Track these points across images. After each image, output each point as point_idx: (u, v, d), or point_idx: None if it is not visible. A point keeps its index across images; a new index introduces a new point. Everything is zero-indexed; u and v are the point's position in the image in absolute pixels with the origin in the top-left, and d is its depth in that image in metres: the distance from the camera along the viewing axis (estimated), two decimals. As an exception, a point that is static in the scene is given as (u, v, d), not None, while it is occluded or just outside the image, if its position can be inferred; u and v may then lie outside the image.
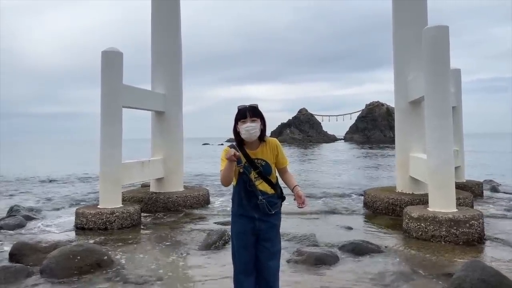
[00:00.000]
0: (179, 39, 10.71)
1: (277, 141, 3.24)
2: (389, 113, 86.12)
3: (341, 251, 5.88)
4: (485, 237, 6.55)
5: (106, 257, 5.37)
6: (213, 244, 6.23)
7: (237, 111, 3.13)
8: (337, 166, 24.99)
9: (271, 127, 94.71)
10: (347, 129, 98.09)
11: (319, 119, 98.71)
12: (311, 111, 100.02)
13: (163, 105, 10.23)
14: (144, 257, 5.81)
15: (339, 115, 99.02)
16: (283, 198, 3.23)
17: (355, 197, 11.48)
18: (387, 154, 36.43)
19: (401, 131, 9.49)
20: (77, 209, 8.08)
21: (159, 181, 10.22)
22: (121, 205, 8.08)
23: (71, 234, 7.40)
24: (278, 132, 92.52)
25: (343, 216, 8.91)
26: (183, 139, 10.85)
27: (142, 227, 7.85)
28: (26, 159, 41.06)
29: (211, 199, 10.80)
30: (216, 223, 8.05)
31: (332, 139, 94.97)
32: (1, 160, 35.46)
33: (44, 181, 17.73)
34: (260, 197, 3.06)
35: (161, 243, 6.62)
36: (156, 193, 9.96)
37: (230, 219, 3.31)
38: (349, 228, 7.60)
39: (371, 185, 13.42)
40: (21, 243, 5.93)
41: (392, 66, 9.74)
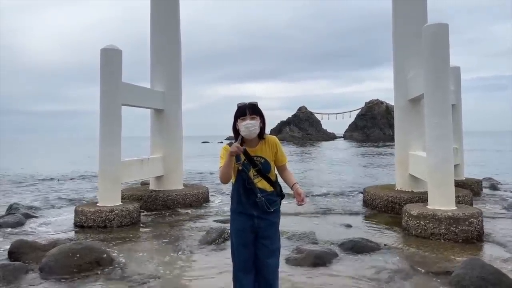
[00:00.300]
0: (178, 37, 10.69)
1: (276, 139, 3.24)
2: (388, 111, 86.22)
3: (341, 249, 5.88)
4: (484, 235, 6.57)
5: (105, 255, 5.37)
6: (212, 241, 6.23)
7: (237, 108, 3.12)
8: (336, 164, 25.00)
9: (271, 125, 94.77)
10: (347, 127, 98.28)
11: (319, 117, 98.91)
12: (311, 109, 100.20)
13: (163, 103, 10.21)
14: (143, 255, 5.81)
15: (338, 113, 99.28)
16: (282, 196, 3.23)
17: (355, 195, 11.48)
18: (387, 152, 36.44)
19: (400, 129, 9.48)
20: (76, 207, 8.08)
21: (159, 179, 10.22)
22: (121, 203, 8.08)
23: (70, 232, 7.39)
24: (277, 130, 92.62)
25: (342, 214, 8.91)
26: (183, 137, 10.85)
27: (141, 225, 7.84)
28: (25, 157, 41.04)
29: (210, 197, 10.81)
30: (215, 221, 8.05)
31: (331, 137, 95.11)
32: (1, 157, 35.44)
33: (43, 179, 17.72)
34: (258, 194, 3.05)
35: (161, 241, 6.62)
36: (155, 191, 9.96)
37: (229, 217, 3.31)
38: (349, 226, 7.60)
39: (370, 183, 13.41)
40: (20, 241, 5.92)
41: (392, 64, 9.74)
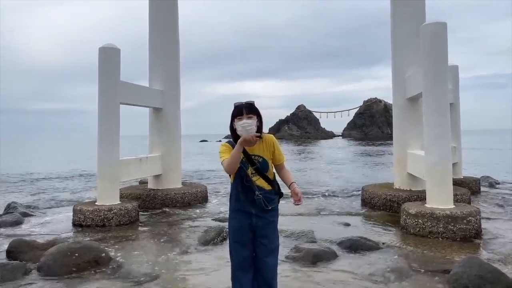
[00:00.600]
0: (177, 35, 10.67)
1: (274, 138, 3.24)
2: (386, 110, 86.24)
3: (339, 248, 5.89)
4: (482, 233, 6.58)
5: (104, 254, 5.37)
6: (211, 240, 6.24)
7: (234, 108, 3.12)
8: (334, 162, 25.01)
9: (269, 124, 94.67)
10: (345, 126, 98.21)
11: (317, 115, 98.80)
12: (309, 107, 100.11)
13: (161, 101, 10.20)
14: (142, 254, 5.81)
15: (337, 112, 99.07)
16: (280, 194, 3.23)
17: (353, 194, 11.49)
18: (385, 150, 36.47)
19: (399, 127, 9.49)
20: (74, 206, 8.07)
21: (157, 177, 10.21)
22: (119, 202, 8.07)
23: (68, 231, 7.38)
24: (276, 128, 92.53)
25: (341, 212, 8.91)
26: (181, 136, 10.85)
27: (140, 224, 7.84)
28: (24, 156, 40.96)
29: (209, 196, 10.80)
30: (214, 220, 8.05)
31: (330, 135, 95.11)
32: (-1, 157, 35.37)
33: (42, 178, 17.69)
34: (257, 192, 3.05)
35: (159, 240, 6.61)
36: (154, 189, 9.95)
37: (227, 216, 3.30)
38: (347, 224, 7.61)
39: (369, 181, 13.42)
40: (18, 240, 5.92)
41: (390, 62, 9.74)
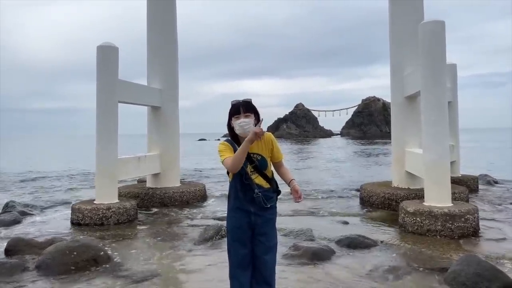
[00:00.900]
0: (175, 34, 10.65)
1: (272, 136, 3.23)
2: (385, 108, 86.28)
3: (338, 246, 5.90)
4: (480, 231, 6.60)
5: (102, 253, 5.37)
6: (210, 239, 6.24)
7: (231, 106, 3.12)
8: (333, 161, 25.03)
9: (268, 122, 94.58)
10: (344, 124, 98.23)
11: (316, 114, 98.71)
12: (308, 106, 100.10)
13: (159, 100, 10.19)
14: (140, 253, 5.82)
15: (335, 110, 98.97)
16: (278, 192, 3.23)
17: (351, 192, 11.51)
18: (383, 149, 36.52)
19: (397, 126, 9.51)
20: (73, 205, 8.07)
21: (156, 176, 10.21)
22: (117, 201, 8.07)
23: (67, 229, 7.39)
24: (274, 127, 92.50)
25: (339, 211, 8.92)
26: (179, 135, 10.85)
27: (138, 223, 7.84)
28: (22, 154, 40.87)
29: (207, 194, 10.81)
30: (212, 218, 8.06)
31: (328, 134, 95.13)
32: (-3, 155, 35.29)
33: (40, 177, 17.66)
34: (256, 190, 3.05)
35: (158, 238, 6.62)
36: (152, 188, 9.95)
37: (226, 214, 3.30)
38: (345, 222, 7.63)
39: (367, 180, 13.43)
40: (16, 239, 5.92)
41: (388, 61, 9.75)
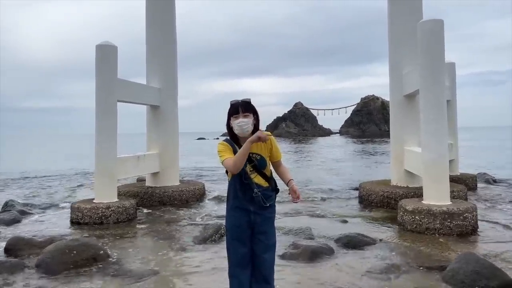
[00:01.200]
0: (174, 33, 10.65)
1: (271, 135, 3.24)
2: (384, 107, 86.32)
3: (337, 244, 5.91)
4: (478, 230, 6.62)
5: (102, 252, 5.38)
6: (209, 238, 6.25)
7: (230, 106, 3.12)
8: (332, 159, 25.05)
9: (267, 121, 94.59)
10: (343, 123, 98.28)
11: (315, 113, 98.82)
12: (307, 105, 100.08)
13: (158, 99, 10.19)
14: (140, 251, 5.83)
15: (334, 109, 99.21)
16: (277, 190, 3.25)
17: (350, 191, 11.52)
18: (382, 147, 36.55)
19: (396, 124, 9.52)
20: (72, 204, 8.07)
21: (155, 175, 10.21)
22: (117, 200, 8.08)
23: (66, 228, 7.39)
24: (273, 126, 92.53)
25: (338, 209, 8.94)
26: (178, 134, 10.85)
27: (138, 222, 7.84)
28: (21, 154, 40.84)
29: (206, 193, 10.81)
30: (212, 217, 8.07)
31: (327, 133, 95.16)
32: (-5, 155, 35.24)
33: (39, 176, 17.65)
34: (255, 189, 3.07)
35: (157, 237, 6.63)
36: (151, 187, 9.96)
37: (225, 213, 3.31)
38: (344, 221, 7.64)
39: (366, 178, 13.45)
40: (16, 238, 5.93)
41: (387, 59, 9.75)
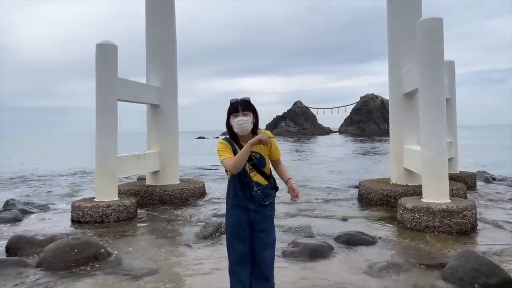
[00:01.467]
0: (174, 32, 10.66)
1: (270, 134, 3.26)
2: (383, 105, 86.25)
3: (336, 242, 5.94)
4: (478, 227, 6.65)
5: (103, 250, 5.40)
6: (209, 236, 6.27)
7: (230, 104, 3.14)
8: (331, 158, 25.06)
9: (267, 120, 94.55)
10: (342, 122, 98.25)
11: (314, 111, 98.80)
12: (306, 103, 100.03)
13: (158, 98, 10.21)
14: (140, 250, 5.84)
15: (334, 108, 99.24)
16: (276, 188, 3.26)
17: (350, 189, 11.54)
18: (382, 146, 36.56)
19: (395, 123, 9.54)
20: (73, 203, 8.09)
21: (155, 174, 10.23)
22: (117, 198, 8.10)
23: (67, 227, 7.40)
24: (273, 124, 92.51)
25: (338, 207, 8.97)
26: (178, 132, 10.86)
27: (138, 220, 7.87)
28: (20, 153, 40.82)
29: (207, 192, 10.83)
30: (212, 215, 8.09)
31: (327, 131, 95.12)
32: (-5, 154, 35.23)
33: (40, 175, 17.66)
34: (255, 188, 3.08)
35: (158, 236, 6.65)
36: (152, 186, 9.98)
37: (225, 211, 3.32)
38: (344, 219, 7.66)
39: (365, 176, 13.48)
40: (17, 237, 5.95)
41: (387, 58, 9.77)
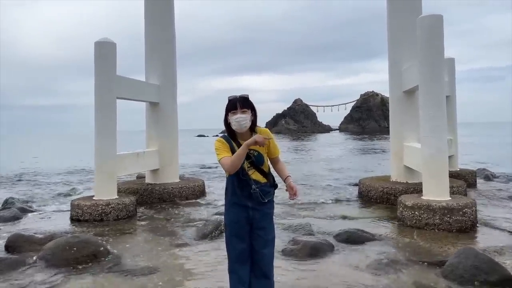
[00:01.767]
0: (173, 29, 10.63)
1: (269, 131, 3.24)
2: (383, 103, 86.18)
3: (336, 240, 5.93)
4: (477, 225, 6.65)
5: (102, 248, 5.39)
6: (209, 234, 6.26)
7: (228, 101, 3.12)
8: (331, 156, 25.06)
9: (267, 118, 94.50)
10: (342, 119, 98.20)
11: (314, 109, 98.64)
12: (306, 101, 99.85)
13: (158, 96, 10.18)
14: (140, 248, 5.84)
15: (334, 106, 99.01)
16: (275, 186, 3.25)
17: (350, 187, 11.54)
18: (382, 143, 36.56)
19: (395, 120, 9.52)
20: (72, 201, 8.08)
21: (155, 172, 10.22)
22: (117, 197, 8.08)
23: (66, 225, 7.40)
24: (273, 122, 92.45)
25: (338, 205, 8.96)
26: (178, 130, 10.85)
27: (137, 218, 7.86)
28: (21, 151, 40.82)
29: (206, 190, 10.82)
30: (211, 214, 8.08)
31: (327, 129, 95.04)
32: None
33: (39, 174, 17.66)
34: (253, 186, 3.07)
35: (157, 234, 6.64)
36: (151, 184, 9.96)
37: (224, 209, 3.31)
38: (344, 217, 7.65)
39: (365, 174, 13.47)
40: (16, 235, 5.94)
41: (387, 56, 9.74)
